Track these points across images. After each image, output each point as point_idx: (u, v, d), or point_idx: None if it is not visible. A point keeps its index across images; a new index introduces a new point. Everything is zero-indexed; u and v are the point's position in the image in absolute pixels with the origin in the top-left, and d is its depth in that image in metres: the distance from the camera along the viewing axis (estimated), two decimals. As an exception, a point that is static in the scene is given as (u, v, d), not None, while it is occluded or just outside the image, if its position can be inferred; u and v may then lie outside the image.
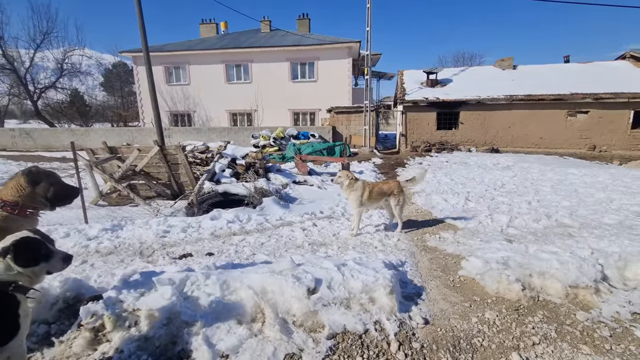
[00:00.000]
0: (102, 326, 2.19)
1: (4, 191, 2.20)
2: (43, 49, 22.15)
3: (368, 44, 15.03)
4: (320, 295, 2.49)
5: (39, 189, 2.26)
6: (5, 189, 2.20)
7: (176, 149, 7.28)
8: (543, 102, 15.09)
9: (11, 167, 12.86)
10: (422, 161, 13.04)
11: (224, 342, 2.19)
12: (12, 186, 2.21)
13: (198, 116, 22.54)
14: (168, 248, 3.98)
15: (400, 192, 4.50)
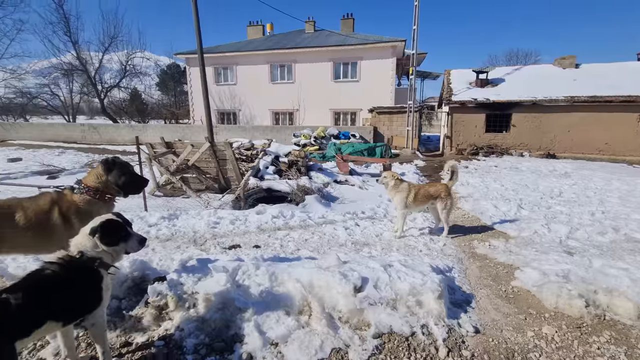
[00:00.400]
0: (166, 305, 2.39)
1: (88, 178, 2.48)
2: (110, 51, 24.45)
3: (414, 42, 14.66)
4: (366, 294, 2.50)
5: (111, 177, 2.50)
6: (89, 176, 2.48)
7: (225, 146, 7.66)
8: (610, 105, 13.67)
9: (81, 157, 14.32)
10: (467, 165, 12.44)
11: (274, 331, 2.28)
12: (94, 174, 2.49)
13: (243, 114, 23.46)
14: (218, 238, 4.21)
15: (447, 196, 4.35)
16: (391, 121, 17.48)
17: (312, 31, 25.04)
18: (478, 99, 15.10)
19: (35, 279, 1.64)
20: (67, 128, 20.91)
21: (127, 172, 2.57)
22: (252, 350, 2.14)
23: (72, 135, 20.26)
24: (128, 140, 19.64)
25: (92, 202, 2.37)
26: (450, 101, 15.45)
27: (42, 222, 2.17)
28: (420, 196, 4.29)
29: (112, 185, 2.46)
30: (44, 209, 2.20)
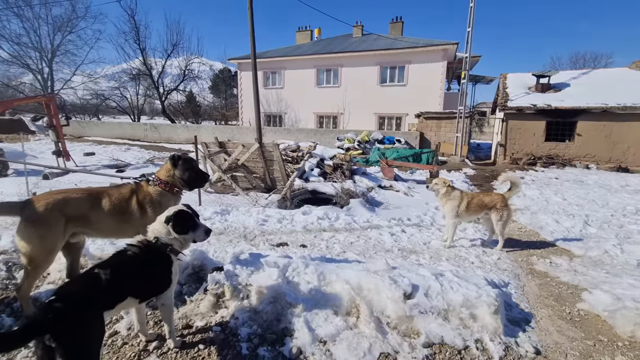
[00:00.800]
0: (223, 294, 2.55)
1: (160, 172, 2.73)
2: (172, 57, 26.57)
3: (468, 45, 14.03)
4: (416, 302, 2.45)
5: (177, 172, 2.71)
6: (161, 170, 2.72)
7: (273, 147, 7.93)
8: (702, 113, 11.93)
9: (143, 154, 15.70)
10: (524, 175, 11.58)
11: (322, 329, 2.33)
12: (164, 168, 2.73)
13: (288, 117, 24.10)
14: (267, 235, 4.38)
15: (504, 207, 4.10)
16: (439, 127, 16.86)
17: (359, 35, 25.05)
18: (538, 104, 14.02)
19: (120, 259, 1.84)
20: (132, 127, 23.03)
21: (190, 167, 2.77)
22: (302, 345, 2.20)
23: (136, 133, 22.26)
24: (184, 139, 21.12)
25: (162, 194, 2.60)
26: (505, 107, 14.53)
27: (122, 209, 2.43)
28: (473, 205, 4.10)
29: (178, 179, 2.68)
30: (125, 197, 2.46)
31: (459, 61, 22.43)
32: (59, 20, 25.84)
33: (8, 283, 2.75)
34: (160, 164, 13.18)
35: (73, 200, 2.26)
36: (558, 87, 15.20)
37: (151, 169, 11.56)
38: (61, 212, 2.19)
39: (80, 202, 2.28)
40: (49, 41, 26.09)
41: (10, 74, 26.86)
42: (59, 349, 1.40)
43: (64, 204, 2.21)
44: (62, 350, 1.40)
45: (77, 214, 2.26)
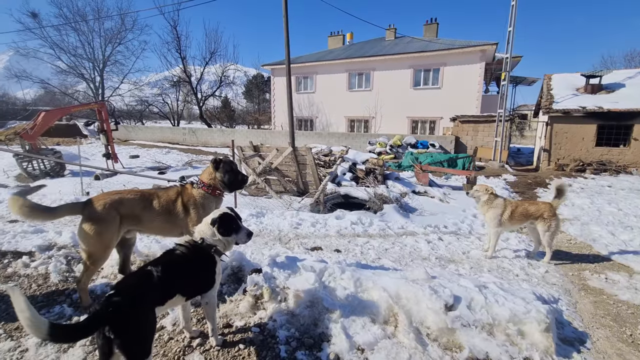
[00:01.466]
0: (261, 295, 2.60)
1: (203, 175, 2.85)
2: (210, 64, 27.84)
3: (509, 45, 13.38)
4: (459, 314, 2.36)
5: (219, 174, 2.81)
6: (204, 173, 2.84)
7: (306, 151, 8.02)
8: None
9: (182, 157, 16.49)
10: (571, 183, 10.79)
11: (360, 336, 2.30)
12: (207, 171, 2.84)
13: (319, 121, 24.28)
14: (301, 239, 4.42)
15: (552, 217, 3.84)
16: (476, 131, 16.19)
17: (392, 38, 24.77)
18: (587, 107, 13.04)
19: (170, 258, 1.94)
20: (172, 131, 24.32)
21: (231, 170, 2.85)
22: (339, 351, 2.18)
23: (176, 137, 23.47)
24: (219, 142, 21.95)
25: (205, 196, 2.71)
26: (550, 109, 13.65)
27: (169, 209, 2.56)
28: (517, 214, 3.87)
29: (219, 181, 2.78)
30: (172, 199, 2.60)
31: (498, 62, 21.47)
32: (109, 33, 28.01)
33: (68, 275, 3.00)
34: (198, 166, 13.80)
35: (128, 200, 2.42)
36: (611, 87, 14.05)
37: (190, 171, 12.13)
38: (117, 211, 2.36)
39: (134, 203, 2.44)
40: (100, 52, 28.34)
41: (67, 83, 29.43)
42: (117, 340, 1.50)
43: (119, 203, 2.38)
44: (120, 341, 1.50)
45: (131, 213, 2.42)
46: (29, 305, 1.31)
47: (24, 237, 3.58)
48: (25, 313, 1.29)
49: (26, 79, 27.29)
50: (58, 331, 1.36)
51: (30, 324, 1.29)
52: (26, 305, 1.30)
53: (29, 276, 2.98)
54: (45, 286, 2.83)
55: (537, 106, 19.46)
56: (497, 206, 3.91)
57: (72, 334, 1.44)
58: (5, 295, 2.68)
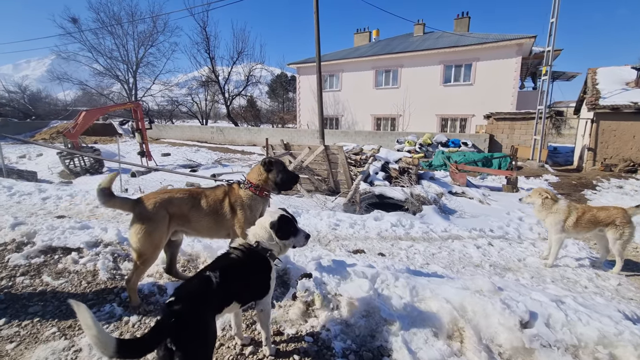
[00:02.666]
0: (312, 302, 2.45)
1: (250, 175, 2.74)
2: (237, 64, 28.30)
3: (551, 38, 12.56)
4: (536, 332, 2.10)
5: (271, 175, 2.69)
6: (251, 173, 2.72)
7: (338, 150, 7.85)
8: None
9: (211, 155, 16.82)
10: (622, 184, 9.98)
11: (424, 352, 2.09)
12: (255, 171, 2.72)
13: (345, 120, 24.04)
14: (341, 240, 4.26)
15: (626, 224, 3.45)
16: (512, 129, 15.38)
17: (421, 34, 24.10)
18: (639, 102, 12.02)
19: (226, 262, 1.83)
20: (200, 130, 24.92)
21: (282, 170, 2.74)
22: (403, 368, 2.00)
23: (204, 135, 24.01)
24: (245, 141, 22.23)
25: (252, 197, 2.60)
26: (596, 105, 12.71)
27: (216, 209, 2.47)
28: (584, 221, 3.51)
29: (271, 182, 2.66)
30: (219, 199, 2.50)
31: (535, 56, 20.37)
32: (142, 36, 29.07)
33: (115, 273, 2.99)
34: (227, 164, 13.98)
35: (177, 199, 2.35)
36: (667, 81, 12.88)
37: (219, 169, 12.29)
38: (166, 211, 2.29)
39: (183, 202, 2.37)
40: (134, 54, 29.49)
41: (104, 84, 30.86)
42: (179, 352, 1.38)
43: (169, 203, 2.31)
44: (182, 353, 1.39)
45: (179, 213, 2.35)
46: (96, 322, 1.22)
47: (72, 233, 3.64)
48: (92, 330, 1.19)
49: (67, 80, 28.84)
50: (125, 348, 1.27)
51: (98, 342, 1.20)
52: (93, 321, 1.20)
53: (78, 273, 3.00)
54: (95, 284, 2.82)
55: (579, 102, 18.28)
56: (558, 211, 3.56)
57: (139, 350, 1.33)
58: (57, 291, 2.70)
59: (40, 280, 2.84)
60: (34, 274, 2.92)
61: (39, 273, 2.95)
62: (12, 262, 3.06)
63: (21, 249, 3.30)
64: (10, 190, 5.71)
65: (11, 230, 3.73)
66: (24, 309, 2.47)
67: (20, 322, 2.35)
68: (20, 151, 15.60)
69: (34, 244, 3.36)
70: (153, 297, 2.67)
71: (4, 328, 2.29)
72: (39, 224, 3.90)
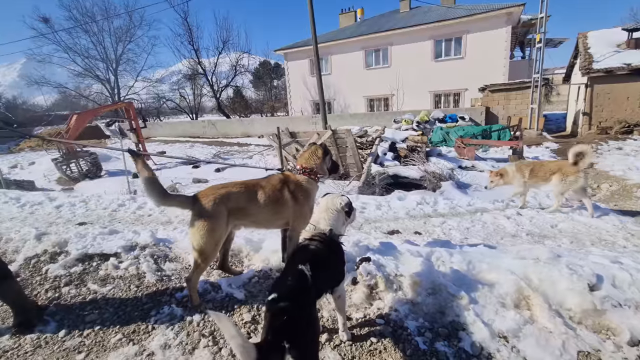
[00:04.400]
0: (376, 285, 2.45)
1: (302, 160, 2.67)
2: (223, 54, 27.51)
3: (543, 3, 12.49)
4: (606, 294, 2.14)
5: (327, 159, 2.65)
6: (303, 159, 2.66)
7: (346, 133, 7.77)
8: None
9: (207, 149, 16.48)
10: (621, 146, 10.20)
11: (498, 323, 2.12)
12: (308, 156, 2.66)
13: (337, 103, 23.80)
14: (372, 223, 4.25)
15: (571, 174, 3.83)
16: (508, 99, 15.45)
17: (407, 10, 23.69)
18: (633, 63, 12.14)
19: (309, 254, 1.78)
20: (191, 125, 24.40)
21: (331, 156, 2.72)
22: (481, 340, 2.01)
23: (196, 131, 23.53)
24: (239, 133, 21.87)
25: (310, 182, 2.56)
26: (590, 70, 12.79)
27: (275, 199, 2.41)
28: None
29: (325, 167, 2.62)
30: (277, 188, 2.44)
31: (523, 25, 20.29)
32: (119, 31, 27.92)
33: (161, 275, 2.93)
34: (227, 157, 13.76)
35: (234, 194, 2.28)
36: (658, 40, 13.00)
37: (220, 164, 12.09)
38: (225, 206, 2.22)
39: (240, 196, 2.30)
40: (112, 52, 28.37)
41: (84, 85, 29.77)
42: (293, 350, 1.35)
43: (227, 198, 2.24)
44: (296, 351, 1.35)
45: (238, 207, 2.29)
46: (239, 331, 1.18)
47: (104, 239, 3.54)
48: (237, 339, 1.15)
49: (45, 84, 27.72)
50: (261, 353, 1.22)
51: (243, 350, 1.16)
52: (236, 331, 1.16)
53: (123, 277, 2.93)
54: (144, 287, 2.76)
55: (570, 68, 18.37)
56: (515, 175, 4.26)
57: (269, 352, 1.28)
58: (109, 298, 2.63)
59: (87, 289, 2.76)
60: (78, 283, 2.84)
61: (82, 282, 2.87)
62: (51, 273, 2.97)
63: (56, 260, 3.20)
64: (19, 202, 5.52)
65: (37, 241, 3.60)
66: (80, 319, 2.41)
67: (81, 331, 2.29)
68: (9, 161, 15.07)
69: (69, 253, 3.25)
70: (208, 294, 2.63)
71: (66, 339, 2.23)
72: (65, 233, 3.78)
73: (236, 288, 2.67)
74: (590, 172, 7.49)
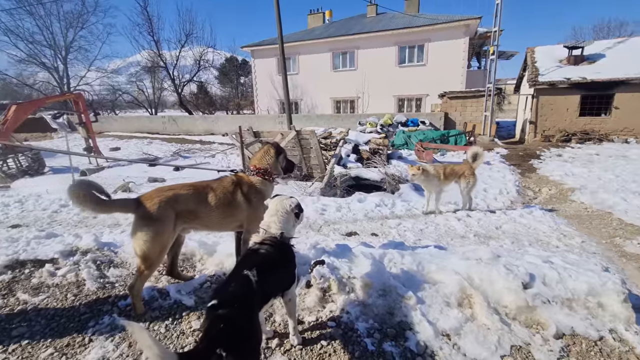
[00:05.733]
0: (329, 288, 2.46)
1: (255, 160, 2.63)
2: (186, 47, 26.35)
3: (497, 18, 13.38)
4: (537, 291, 2.32)
5: (280, 159, 2.63)
6: (256, 159, 2.61)
7: (310, 134, 7.78)
8: None
9: (167, 147, 15.74)
10: (561, 153, 11.20)
11: (442, 322, 2.22)
12: (261, 156, 2.62)
13: (304, 104, 23.78)
14: (331, 225, 4.29)
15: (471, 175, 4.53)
16: (464, 106, 16.36)
17: (374, 15, 24.26)
18: (572, 78, 13.39)
19: (257, 258, 1.75)
20: (150, 120, 23.14)
21: (285, 154, 2.71)
22: (426, 339, 2.10)
23: (155, 126, 22.35)
24: (202, 130, 21.11)
25: (264, 183, 2.52)
26: (536, 82, 13.92)
27: (228, 201, 2.35)
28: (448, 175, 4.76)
29: (279, 166, 2.59)
30: (229, 190, 2.38)
31: (480, 36, 21.58)
32: (70, 17, 25.78)
33: (104, 282, 2.74)
34: (188, 155, 13.22)
35: (182, 196, 2.18)
36: (592, 58, 14.45)
37: (180, 161, 11.60)
38: (172, 209, 2.12)
39: (189, 198, 2.21)
40: (62, 38, 26.13)
41: (28, 73, 27.13)
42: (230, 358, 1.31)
43: (174, 200, 2.14)
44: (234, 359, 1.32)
45: (186, 210, 2.20)
46: (156, 340, 1.11)
47: (40, 242, 3.24)
48: (154, 349, 1.08)
49: (-20, 70, 24.89)
50: None
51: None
52: (152, 340, 1.09)
53: (59, 286, 2.70)
54: (83, 295, 2.57)
55: (520, 79, 19.84)
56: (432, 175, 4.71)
57: None
58: (41, 308, 2.42)
59: (15, 299, 2.51)
60: (6, 293, 2.58)
61: (11, 291, 2.61)
62: (-28, 282, 2.66)
63: (-21, 267, 2.88)
64: (-61, 201, 4.91)
65: (-42, 246, 3.23)
66: (6, 333, 2.19)
67: (6, 347, 2.08)
68: None
69: (-5, 260, 2.94)
70: (155, 302, 2.50)
71: (-14, 357, 2.01)
72: (-8, 237, 3.42)
73: (186, 294, 2.56)
74: (533, 176, 8.15)
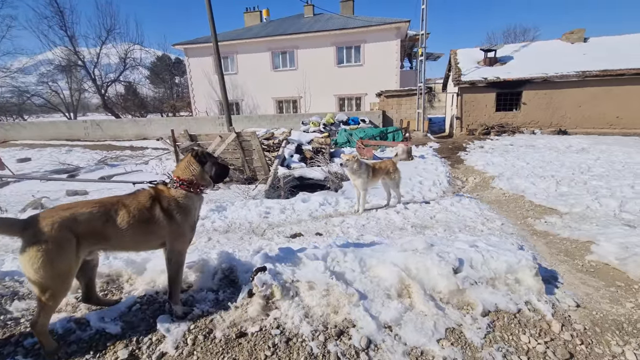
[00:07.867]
0: (272, 295, 2.38)
1: (178, 171, 2.42)
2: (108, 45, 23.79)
3: (423, 22, 14.40)
4: (466, 274, 2.52)
5: (206, 168, 2.44)
6: (179, 169, 2.40)
7: (251, 136, 7.57)
8: (622, 78, 13.64)
9: (90, 155, 14.12)
10: (483, 145, 12.46)
11: (384, 315, 2.29)
12: (185, 166, 2.42)
13: (246, 104, 23.17)
14: (276, 227, 4.20)
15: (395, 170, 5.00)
16: (400, 104, 17.35)
17: (311, 15, 24.52)
18: (488, 78, 14.99)
19: None
20: (69, 125, 20.54)
21: (215, 161, 2.52)
22: (369, 334, 2.15)
23: (75, 132, 19.92)
24: (133, 135, 19.37)
25: (188, 196, 2.32)
26: (460, 81, 15.31)
27: (144, 219, 2.12)
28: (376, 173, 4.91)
29: (206, 176, 2.41)
30: (145, 205, 2.14)
31: (410, 39, 23.08)
32: (-45, 5, 21.67)
33: (5, 319, 2.31)
34: (116, 164, 11.99)
35: (84, 215, 1.90)
36: (503, 60, 16.34)
37: (107, 170, 10.48)
38: (71, 231, 1.84)
39: (92, 217, 1.93)
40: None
41: None
42: None
43: (73, 221, 1.85)
44: None
45: (91, 231, 1.92)
46: None
47: None
48: None
49: None
50: None
51: None
52: None
53: (-58, 331, 2.22)
54: (-24, 339, 2.14)
55: (446, 79, 21.65)
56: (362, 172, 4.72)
57: None
58: None
59: None
60: None
61: None
62: None
63: None
64: None
65: None
66: None
67: None
68: None
69: None
70: (72, 334, 2.18)
71: None
72: None
73: (110, 321, 2.28)
74: (461, 167, 8.93)
